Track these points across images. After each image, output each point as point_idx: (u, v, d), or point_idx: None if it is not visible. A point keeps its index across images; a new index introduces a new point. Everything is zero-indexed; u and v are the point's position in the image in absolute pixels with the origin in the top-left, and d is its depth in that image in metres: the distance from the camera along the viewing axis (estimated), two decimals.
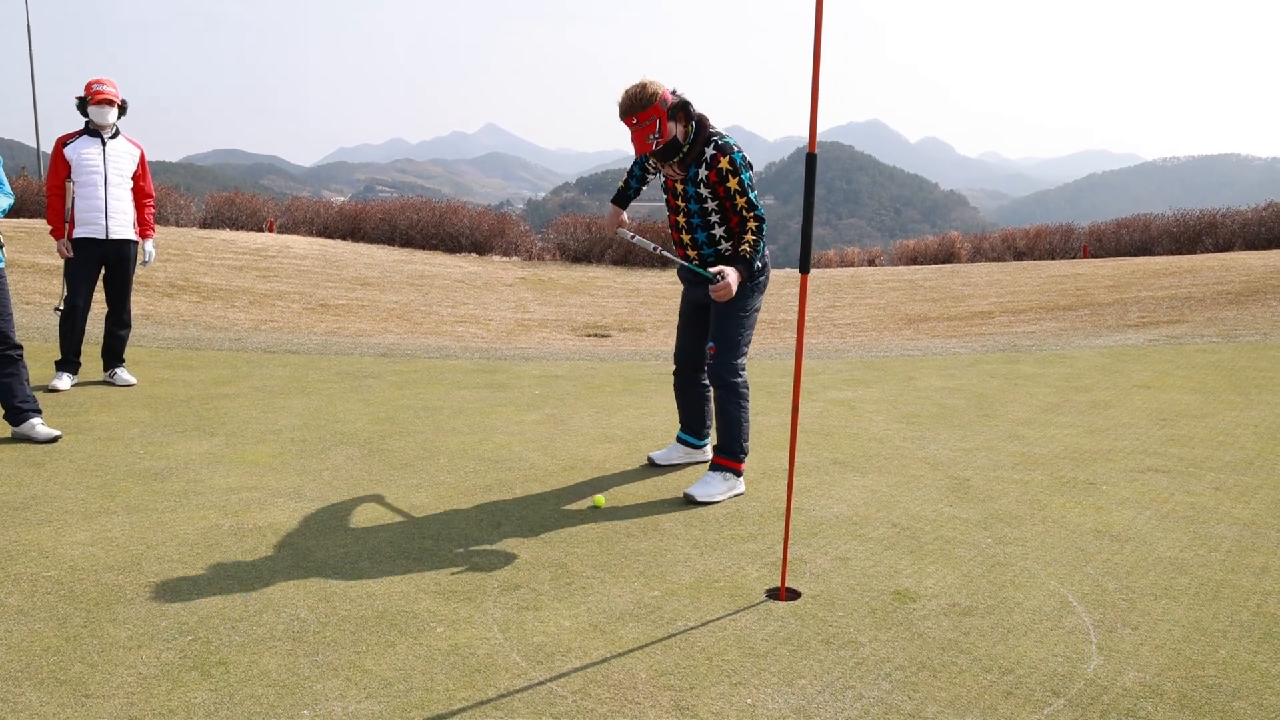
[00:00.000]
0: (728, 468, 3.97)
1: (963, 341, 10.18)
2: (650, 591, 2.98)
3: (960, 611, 2.84)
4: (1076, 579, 3.10)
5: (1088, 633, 2.70)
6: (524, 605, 2.86)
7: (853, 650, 2.59)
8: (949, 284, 17.91)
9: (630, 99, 3.69)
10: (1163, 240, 22.49)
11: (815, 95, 2.77)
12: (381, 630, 2.66)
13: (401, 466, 4.40)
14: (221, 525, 3.52)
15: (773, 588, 3.01)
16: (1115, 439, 5.10)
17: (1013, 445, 4.98)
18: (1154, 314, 11.75)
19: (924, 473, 4.43)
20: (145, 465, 4.30)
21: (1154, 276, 15.86)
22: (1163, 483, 4.25)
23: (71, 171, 5.98)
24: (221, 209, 22.58)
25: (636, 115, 3.68)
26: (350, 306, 12.74)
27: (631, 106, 3.69)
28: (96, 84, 6.01)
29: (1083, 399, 6.27)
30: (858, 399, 6.33)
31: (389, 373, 7.09)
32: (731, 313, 3.90)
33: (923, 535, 3.54)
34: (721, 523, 3.67)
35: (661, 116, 3.68)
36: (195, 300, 11.74)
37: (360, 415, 5.48)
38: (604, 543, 3.42)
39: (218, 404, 5.67)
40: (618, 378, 7.14)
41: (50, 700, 2.26)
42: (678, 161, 3.81)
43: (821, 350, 9.53)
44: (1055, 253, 23.57)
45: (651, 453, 4.48)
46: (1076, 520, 3.72)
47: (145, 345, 7.90)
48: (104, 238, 6.04)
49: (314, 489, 4.01)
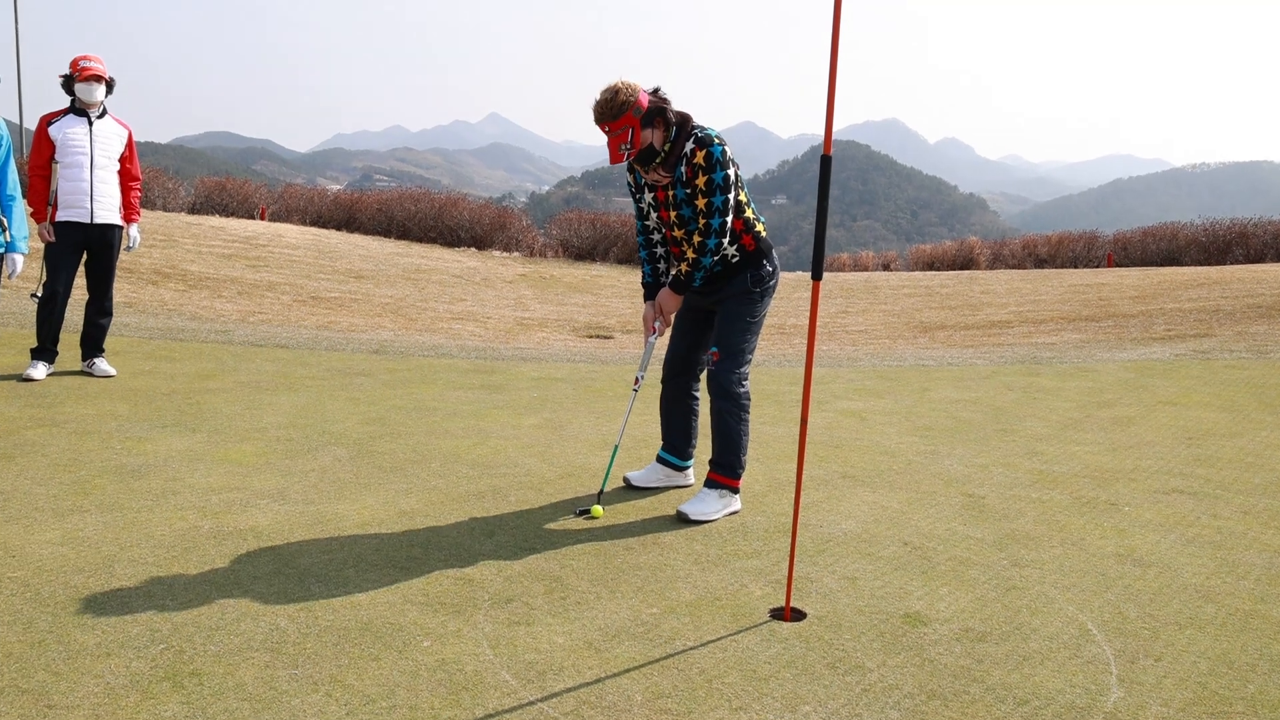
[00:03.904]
0: (724, 484, 3.91)
1: (980, 352, 10.15)
2: (648, 608, 2.95)
3: (973, 637, 2.81)
4: (1096, 605, 3.07)
5: (1108, 663, 2.67)
6: (516, 620, 2.83)
7: (859, 676, 2.56)
8: (967, 291, 17.88)
9: (600, 107, 3.61)
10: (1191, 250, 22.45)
11: (832, 94, 2.75)
12: (365, 643, 2.63)
13: (391, 470, 4.37)
14: (200, 527, 3.49)
15: (777, 607, 2.98)
16: (1139, 458, 5.07)
17: (1031, 462, 4.95)
18: (1181, 327, 11.71)
19: (937, 489, 4.40)
20: (122, 461, 4.28)
21: (1181, 288, 15.82)
22: (1188, 505, 4.21)
23: (55, 152, 5.96)
24: (211, 194, 22.62)
25: (608, 124, 3.61)
26: (343, 300, 12.74)
27: (602, 115, 3.61)
28: (84, 60, 5.99)
29: (1105, 415, 6.23)
30: (869, 410, 6.30)
31: (381, 371, 7.07)
32: (737, 319, 3.86)
33: (935, 555, 3.51)
34: (724, 538, 3.64)
35: (634, 125, 3.60)
36: (181, 289, 11.74)
37: (350, 415, 5.46)
38: (601, 556, 3.40)
39: (201, 399, 5.65)
40: (620, 382, 7.12)
41: (10, 710, 2.23)
42: (660, 164, 3.72)
43: (832, 358, 9.51)
44: (1078, 261, 23.54)
45: (628, 473, 4.32)
46: (1097, 543, 3.68)
47: (126, 335, 7.89)
48: (88, 222, 6.02)
49: (299, 491, 3.99)
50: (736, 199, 3.76)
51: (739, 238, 3.82)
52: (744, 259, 3.84)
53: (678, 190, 3.73)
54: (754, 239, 3.85)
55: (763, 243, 3.88)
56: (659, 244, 4.02)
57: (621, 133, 3.61)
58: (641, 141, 3.64)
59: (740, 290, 3.85)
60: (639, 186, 3.93)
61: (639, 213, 4.02)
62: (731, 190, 3.69)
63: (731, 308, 3.87)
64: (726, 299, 3.88)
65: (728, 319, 3.87)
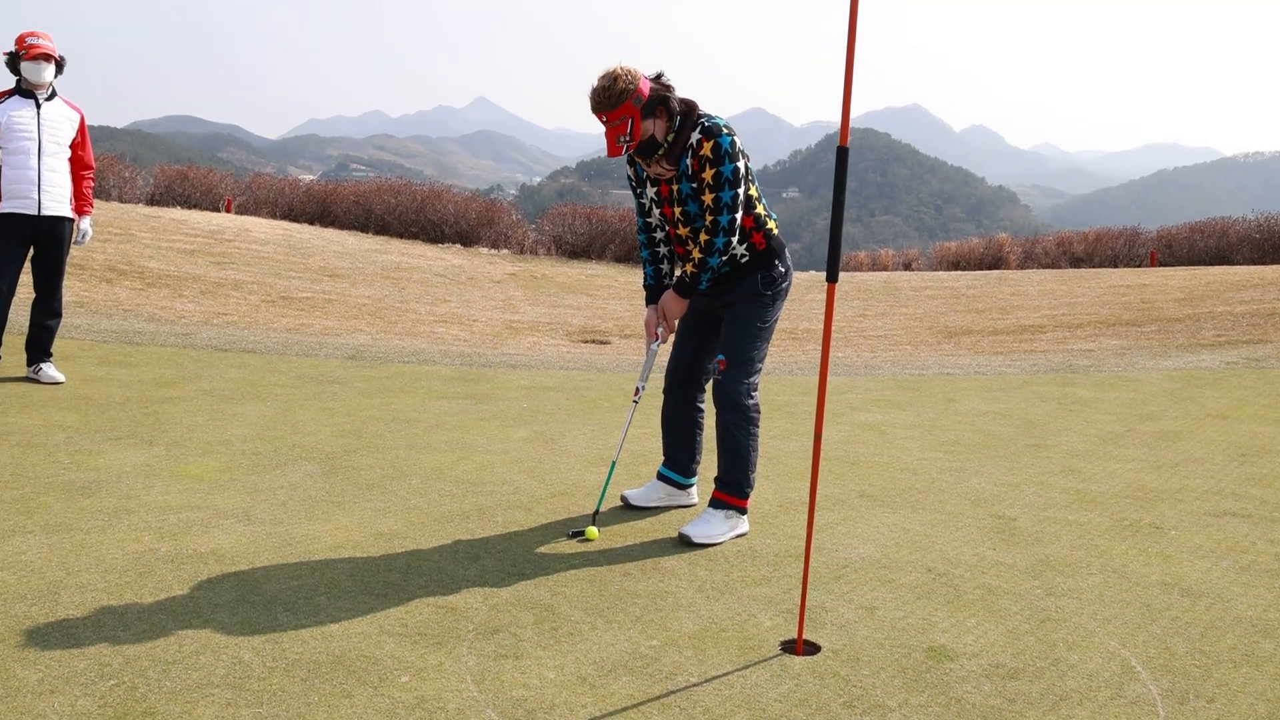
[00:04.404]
0: (731, 504, 3.90)
1: (1010, 359, 10.15)
2: (648, 640, 2.95)
3: (1005, 674, 2.80)
4: (1141, 639, 3.06)
5: (1154, 704, 2.66)
6: (502, 653, 2.82)
7: (879, 716, 2.55)
8: (995, 293, 17.89)
9: (597, 96, 3.60)
10: (1243, 247, 22.48)
11: (849, 78, 2.74)
12: (337, 678, 2.63)
13: (367, 487, 4.37)
14: (156, 550, 3.48)
15: (788, 640, 2.98)
16: (1186, 476, 5.07)
17: (1066, 481, 4.95)
18: (1232, 332, 11.72)
19: (964, 510, 4.40)
20: (70, 477, 4.27)
21: (1232, 289, 15.83)
22: (1242, 529, 4.21)
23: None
24: (172, 184, 22.65)
25: (606, 113, 3.61)
26: (316, 300, 12.74)
27: (599, 104, 3.61)
28: (31, 37, 5.99)
29: (1148, 429, 6.24)
30: (889, 423, 6.30)
31: (357, 378, 7.07)
32: (747, 324, 3.85)
33: (962, 583, 3.50)
34: (731, 562, 3.63)
35: (635, 115, 3.59)
36: (138, 287, 11.74)
37: (322, 426, 5.45)
38: (596, 582, 3.39)
39: (159, 408, 5.65)
40: (617, 391, 7.12)
41: None
42: (663, 156, 3.70)
43: (849, 366, 9.51)
44: (1118, 259, 23.58)
45: (627, 491, 4.32)
46: (1140, 570, 3.68)
47: (77, 337, 7.88)
48: (35, 214, 6.02)
49: (266, 510, 3.98)
50: (747, 193, 3.75)
51: (749, 236, 3.82)
52: (754, 259, 3.84)
53: (683, 185, 3.73)
54: (765, 237, 3.84)
55: (775, 241, 3.87)
56: (662, 242, 4.02)
57: (620, 123, 3.60)
58: (642, 133, 3.64)
59: (750, 293, 3.85)
60: (640, 180, 3.92)
61: (640, 209, 4.01)
62: (741, 184, 3.68)
63: (740, 312, 3.86)
64: (735, 302, 3.87)
65: (736, 324, 3.86)
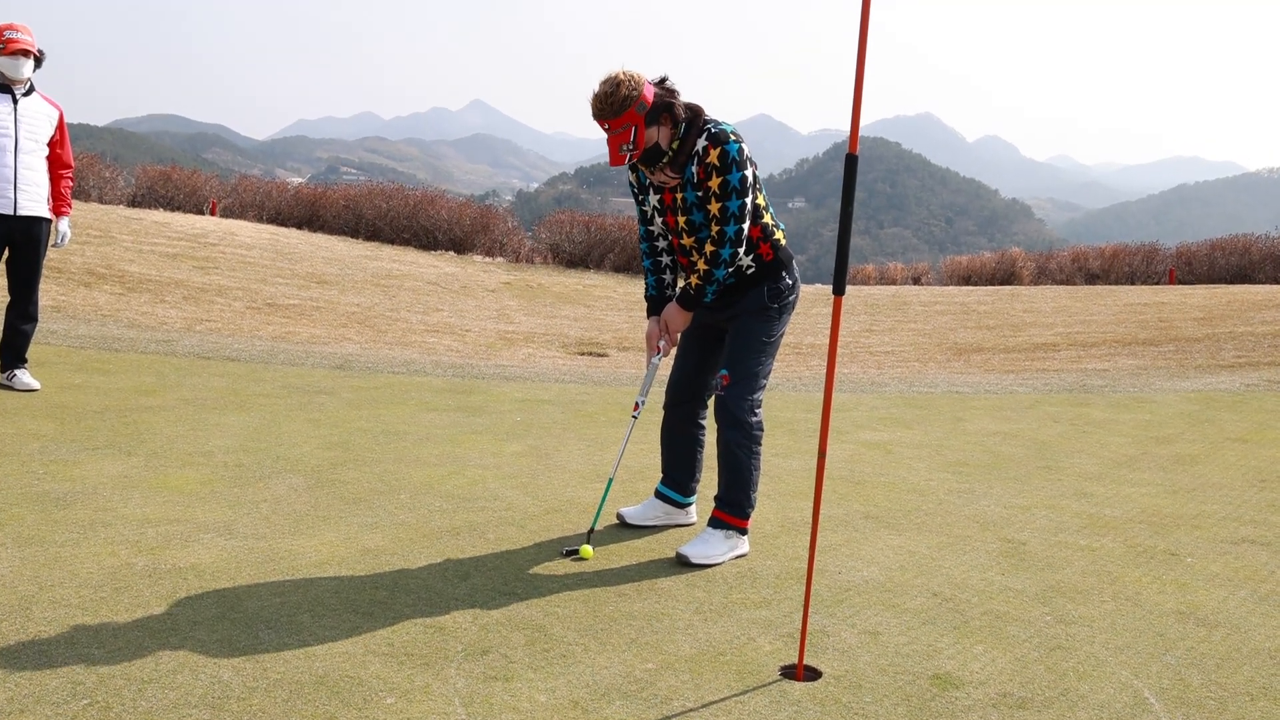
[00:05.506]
0: (731, 524, 3.90)
1: (1022, 378, 10.16)
2: (643, 663, 2.95)
3: (1013, 703, 2.80)
4: (1154, 670, 3.06)
5: None
6: (492, 674, 2.82)
7: None
8: (1008, 309, 17.92)
9: (599, 103, 3.58)
10: (1265, 265, 22.52)
11: (859, 85, 2.76)
12: (320, 699, 2.62)
13: (354, 501, 4.37)
14: (134, 564, 3.48)
15: (788, 665, 2.98)
16: (1203, 502, 5.07)
17: (1079, 504, 4.95)
18: (1253, 353, 11.74)
19: (972, 533, 4.40)
20: (44, 488, 4.27)
21: (1254, 308, 15.86)
22: (1261, 557, 4.21)
23: None
24: (155, 185, 22.66)
25: (608, 121, 3.59)
26: (303, 308, 12.75)
27: (601, 111, 3.59)
28: (8, 30, 6.00)
29: (1164, 452, 6.24)
30: (896, 442, 6.30)
31: (345, 389, 7.07)
32: (751, 338, 3.85)
33: (969, 609, 3.50)
34: (730, 584, 3.64)
35: (638, 123, 3.58)
36: (118, 292, 11.75)
37: (308, 438, 5.46)
38: (590, 602, 3.39)
39: (138, 417, 5.65)
40: (615, 405, 7.12)
41: None
42: (667, 163, 3.70)
43: (855, 382, 9.52)
44: (1135, 276, 23.62)
45: (623, 509, 4.32)
46: (1155, 598, 3.68)
47: (53, 343, 7.89)
48: (11, 213, 6.04)
49: (248, 524, 3.98)
50: (754, 203, 3.76)
51: (756, 246, 3.82)
52: (761, 270, 3.84)
53: (688, 193, 3.73)
54: (772, 248, 3.85)
55: (782, 252, 3.88)
56: (665, 252, 4.03)
57: (623, 131, 3.59)
58: (646, 141, 3.64)
59: (756, 306, 3.85)
60: (643, 187, 3.93)
61: (642, 217, 4.03)
62: (749, 193, 3.69)
63: (745, 325, 3.86)
64: (740, 315, 3.87)
65: (741, 338, 3.86)
